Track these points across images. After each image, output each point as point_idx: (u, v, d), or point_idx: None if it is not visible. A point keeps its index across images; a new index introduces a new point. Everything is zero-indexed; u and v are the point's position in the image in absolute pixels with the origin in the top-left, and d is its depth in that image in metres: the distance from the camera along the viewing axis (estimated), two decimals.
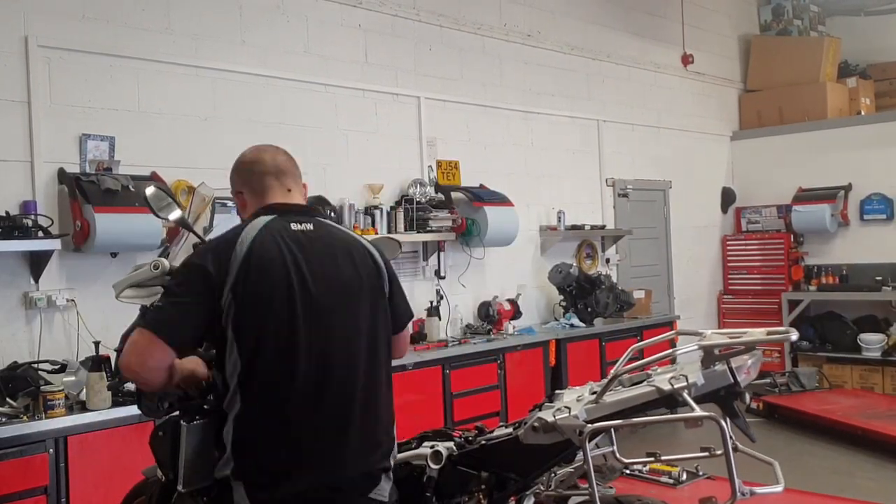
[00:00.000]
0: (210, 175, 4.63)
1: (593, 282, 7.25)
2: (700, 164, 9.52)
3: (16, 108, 4.48)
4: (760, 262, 9.57)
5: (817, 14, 10.33)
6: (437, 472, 2.53)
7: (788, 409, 7.39)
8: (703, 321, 9.18)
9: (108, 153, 4.75)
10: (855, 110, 9.61)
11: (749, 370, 2.27)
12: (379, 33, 6.34)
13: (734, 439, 2.15)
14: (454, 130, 6.84)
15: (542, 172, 7.58)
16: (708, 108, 9.67)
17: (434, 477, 2.53)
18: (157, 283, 2.59)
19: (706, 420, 2.10)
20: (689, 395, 2.18)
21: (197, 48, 5.25)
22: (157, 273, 2.59)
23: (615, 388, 2.32)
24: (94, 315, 4.57)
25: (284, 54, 5.73)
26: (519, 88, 7.43)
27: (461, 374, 5.81)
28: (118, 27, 4.89)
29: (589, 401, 2.33)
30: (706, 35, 9.60)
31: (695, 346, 2.25)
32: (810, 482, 5.19)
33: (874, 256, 8.87)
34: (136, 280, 2.63)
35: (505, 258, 6.97)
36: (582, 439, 2.19)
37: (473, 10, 7.04)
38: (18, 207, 4.37)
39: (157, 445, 2.66)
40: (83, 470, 3.91)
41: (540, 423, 2.33)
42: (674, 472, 4.64)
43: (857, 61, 10.13)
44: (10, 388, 3.99)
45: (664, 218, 9.04)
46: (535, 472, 2.47)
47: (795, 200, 9.30)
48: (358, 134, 6.14)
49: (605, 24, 8.34)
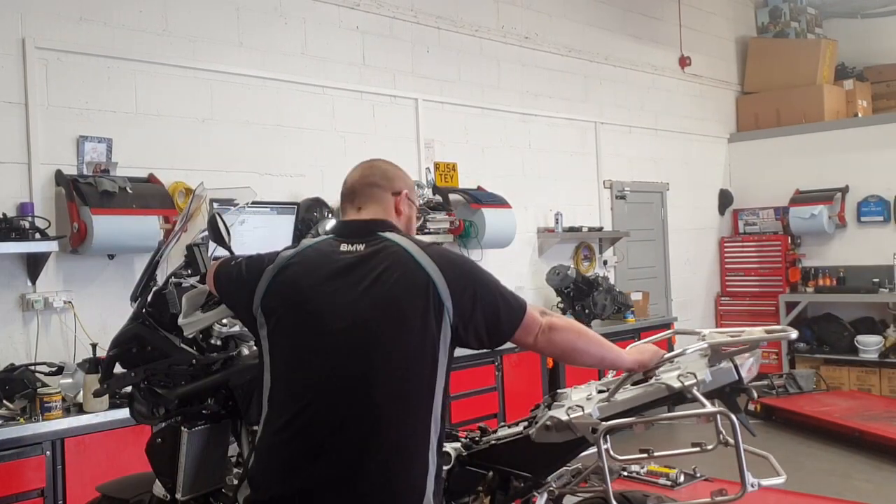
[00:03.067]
0: (208, 176, 4.64)
1: (591, 284, 7.26)
2: (697, 166, 9.53)
3: (13, 109, 4.48)
4: (758, 263, 9.58)
5: (814, 16, 10.35)
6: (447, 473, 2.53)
7: (786, 410, 7.40)
8: (700, 323, 9.18)
9: (105, 155, 4.75)
10: (852, 112, 9.63)
11: (751, 368, 2.33)
12: (376, 35, 6.34)
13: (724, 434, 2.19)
14: (452, 132, 6.84)
15: (540, 174, 7.59)
16: (705, 110, 9.69)
17: (443, 477, 2.53)
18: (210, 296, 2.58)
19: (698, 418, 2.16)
20: (699, 392, 2.22)
21: (194, 50, 5.25)
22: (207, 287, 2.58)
23: (624, 387, 2.35)
24: (92, 317, 4.57)
25: (282, 56, 5.73)
26: (516, 90, 7.44)
27: (459, 377, 5.80)
28: (116, 29, 4.89)
29: (601, 399, 2.35)
30: (703, 37, 9.61)
31: (705, 344, 2.30)
32: (807, 484, 5.20)
33: (871, 258, 8.88)
34: (197, 303, 2.61)
35: (502, 260, 6.97)
36: (596, 437, 2.21)
37: (471, 12, 7.05)
38: (15, 209, 4.37)
39: (156, 453, 2.65)
40: (80, 472, 3.89)
41: (553, 421, 2.34)
42: (671, 473, 4.65)
43: (853, 64, 10.16)
44: (7, 390, 3.99)
45: (661, 220, 9.05)
46: (545, 471, 2.48)
47: (793, 202, 9.31)
48: (355, 136, 6.14)
49: (602, 27, 8.36)
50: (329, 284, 2.15)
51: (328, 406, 2.09)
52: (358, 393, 2.08)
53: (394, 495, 2.07)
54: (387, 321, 2.09)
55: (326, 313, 2.13)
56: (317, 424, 2.09)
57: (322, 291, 2.15)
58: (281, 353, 2.17)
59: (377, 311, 2.09)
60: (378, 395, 2.07)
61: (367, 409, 2.07)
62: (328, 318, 2.12)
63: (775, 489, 2.46)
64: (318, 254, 2.22)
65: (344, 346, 2.10)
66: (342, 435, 2.07)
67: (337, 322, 2.11)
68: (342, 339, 2.10)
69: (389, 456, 2.06)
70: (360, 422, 2.06)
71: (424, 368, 2.11)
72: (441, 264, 2.14)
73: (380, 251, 2.17)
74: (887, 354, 8.44)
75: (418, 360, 2.10)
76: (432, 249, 2.20)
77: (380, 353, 2.08)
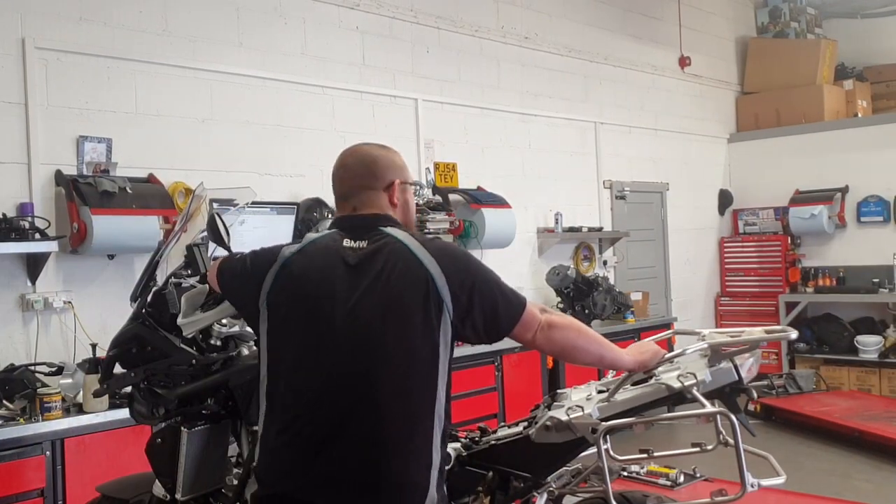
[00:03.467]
0: (208, 176, 4.64)
1: (591, 284, 7.26)
2: (697, 167, 9.53)
3: (13, 109, 4.48)
4: (758, 264, 9.58)
5: (814, 16, 10.35)
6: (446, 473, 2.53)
7: (786, 410, 7.40)
8: (700, 323, 9.18)
9: (105, 155, 4.75)
10: (852, 112, 9.63)
11: (751, 368, 2.33)
12: (376, 35, 6.34)
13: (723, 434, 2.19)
14: (452, 132, 6.84)
15: (540, 174, 7.59)
16: (705, 110, 9.69)
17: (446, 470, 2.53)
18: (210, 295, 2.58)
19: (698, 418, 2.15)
20: (699, 392, 2.22)
21: (194, 50, 5.25)
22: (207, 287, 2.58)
23: (624, 387, 2.35)
24: (92, 317, 4.57)
25: (282, 56, 5.73)
26: (516, 90, 7.44)
27: (459, 377, 5.75)
28: (115, 29, 4.89)
29: (601, 399, 2.35)
30: (703, 37, 9.61)
31: (705, 344, 2.29)
32: (807, 484, 5.20)
33: (871, 258, 8.88)
34: (196, 303, 2.60)
35: (502, 260, 6.96)
36: (596, 437, 2.21)
37: (471, 12, 7.05)
38: (15, 209, 4.37)
39: (156, 454, 2.65)
40: (80, 472, 3.89)
41: (553, 421, 2.34)
42: (671, 474, 4.65)
43: (853, 64, 10.15)
44: (7, 391, 3.99)
45: (661, 220, 9.05)
46: (545, 471, 2.48)
47: (792, 202, 9.31)
48: (355, 136, 6.10)
49: (602, 27, 8.36)
50: (332, 281, 2.15)
51: (331, 403, 2.10)
52: (360, 389, 2.08)
53: (396, 490, 2.07)
54: (389, 318, 2.10)
55: (329, 310, 2.13)
56: (319, 421, 2.10)
57: (325, 288, 2.15)
58: (283, 348, 2.18)
59: (379, 308, 2.10)
60: (380, 391, 2.07)
61: (369, 406, 2.07)
62: (331, 314, 2.13)
63: (775, 489, 2.46)
64: (322, 250, 2.22)
65: (346, 344, 2.10)
66: (345, 431, 2.07)
67: (339, 319, 2.11)
68: (345, 337, 2.11)
69: (392, 451, 2.06)
70: (362, 418, 2.07)
71: (426, 365, 2.11)
72: (440, 259, 2.14)
73: (381, 248, 2.17)
74: (887, 354, 8.44)
75: (420, 357, 2.10)
76: (433, 244, 2.20)
77: (381, 351, 2.09)
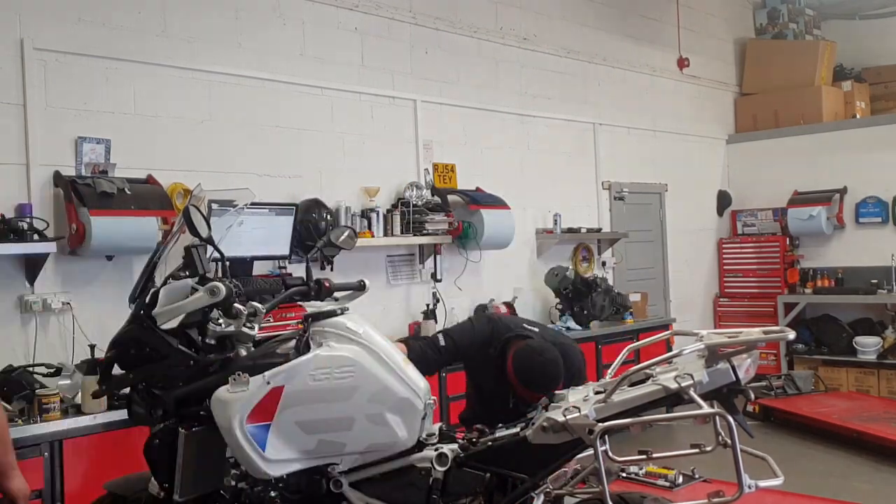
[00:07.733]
0: (206, 177, 4.64)
1: (589, 285, 7.26)
2: (696, 168, 9.53)
3: (11, 110, 4.48)
4: (756, 265, 9.58)
5: (812, 18, 10.36)
6: (443, 474, 2.53)
7: (784, 411, 7.40)
8: (698, 324, 9.18)
9: (103, 156, 4.75)
10: (850, 114, 9.63)
11: (749, 369, 2.33)
12: (375, 36, 6.34)
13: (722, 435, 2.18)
14: (450, 133, 6.84)
15: (539, 175, 7.58)
16: (704, 111, 9.69)
17: (440, 479, 2.53)
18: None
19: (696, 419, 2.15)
20: (696, 393, 2.21)
21: (193, 51, 5.25)
22: (216, 299, 2.57)
23: (620, 388, 2.35)
24: (90, 318, 4.56)
25: (281, 57, 5.72)
26: (515, 91, 7.44)
27: (458, 377, 5.78)
28: (114, 30, 4.89)
29: (597, 400, 2.35)
30: (702, 38, 9.62)
31: (702, 345, 2.29)
32: (806, 485, 5.19)
33: (870, 259, 8.88)
34: (191, 308, 2.59)
35: (501, 261, 6.97)
36: (593, 438, 2.21)
37: (469, 13, 7.05)
38: (14, 210, 4.37)
39: (153, 455, 2.64)
40: (78, 473, 3.89)
41: (549, 422, 2.34)
42: (670, 475, 4.64)
43: (852, 65, 10.16)
44: (6, 392, 3.98)
45: (660, 221, 9.05)
46: (542, 472, 2.48)
47: (791, 203, 9.31)
48: (354, 137, 6.14)
49: (601, 28, 8.36)
50: None
51: None
52: None
53: None
54: None
55: None
56: None
57: None
58: None
59: None
60: None
61: None
62: None
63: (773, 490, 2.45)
64: None
65: None
66: None
67: None
68: None
69: None
70: None
71: None
72: None
73: None
74: (886, 355, 8.44)
75: None
76: None
77: None
